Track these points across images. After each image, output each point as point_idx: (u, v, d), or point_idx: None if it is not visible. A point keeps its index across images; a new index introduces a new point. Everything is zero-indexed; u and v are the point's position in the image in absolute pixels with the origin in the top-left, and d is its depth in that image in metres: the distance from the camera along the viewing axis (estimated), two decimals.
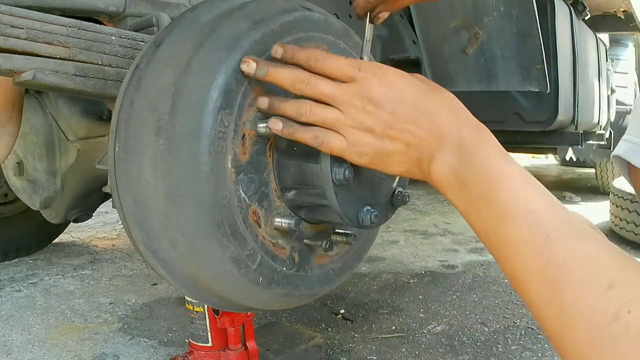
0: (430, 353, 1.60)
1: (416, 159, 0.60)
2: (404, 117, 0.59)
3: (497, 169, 0.55)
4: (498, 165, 0.55)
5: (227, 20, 0.69)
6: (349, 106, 0.60)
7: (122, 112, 0.72)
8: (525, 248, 0.50)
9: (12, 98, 0.95)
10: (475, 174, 0.55)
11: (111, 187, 0.75)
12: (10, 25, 0.71)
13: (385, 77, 0.60)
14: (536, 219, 0.51)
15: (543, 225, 0.50)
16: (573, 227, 0.50)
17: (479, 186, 0.55)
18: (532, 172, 2.00)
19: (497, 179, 0.54)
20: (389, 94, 0.59)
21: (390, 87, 0.59)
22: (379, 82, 0.59)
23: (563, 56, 1.98)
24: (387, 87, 0.59)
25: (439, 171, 0.58)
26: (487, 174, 0.55)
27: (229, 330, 1.22)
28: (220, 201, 0.64)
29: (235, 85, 0.64)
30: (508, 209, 0.52)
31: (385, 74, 0.60)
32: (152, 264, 0.74)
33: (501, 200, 0.53)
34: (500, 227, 0.53)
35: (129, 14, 0.99)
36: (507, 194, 0.53)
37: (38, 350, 1.63)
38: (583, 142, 2.26)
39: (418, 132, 0.59)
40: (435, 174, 0.59)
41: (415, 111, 0.59)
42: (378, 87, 0.59)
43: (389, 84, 0.60)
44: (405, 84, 0.60)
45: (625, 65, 4.65)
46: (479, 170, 0.55)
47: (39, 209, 1.68)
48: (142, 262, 2.49)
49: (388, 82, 0.60)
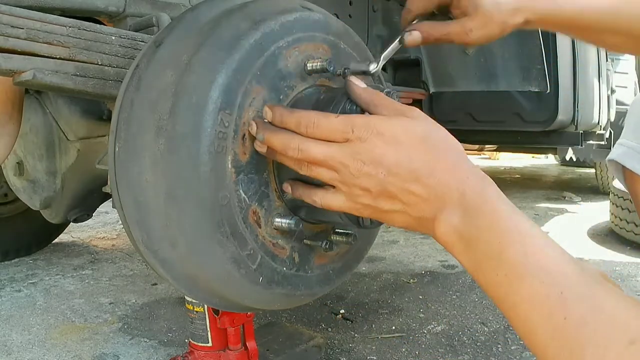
0: (430, 353, 1.60)
1: (417, 217, 0.58)
2: (401, 177, 0.57)
3: (503, 226, 0.53)
4: (503, 221, 0.53)
5: (227, 20, 0.69)
6: (343, 168, 0.58)
7: (122, 112, 0.72)
8: (540, 307, 0.49)
9: (12, 98, 0.95)
10: (480, 232, 0.53)
11: (111, 187, 0.75)
12: (10, 25, 0.71)
13: (381, 135, 0.57)
14: (549, 276, 0.49)
15: (556, 282, 0.48)
16: (587, 282, 0.48)
17: (485, 245, 0.53)
18: (532, 172, 1.99)
19: (503, 235, 0.52)
20: (384, 154, 0.57)
21: (385, 146, 0.57)
22: (374, 141, 0.57)
23: (563, 56, 1.98)
24: (383, 147, 0.57)
25: (443, 232, 0.56)
26: (493, 231, 0.53)
27: (229, 330, 1.22)
28: (221, 201, 0.64)
29: (236, 85, 0.64)
30: (518, 267, 0.50)
31: (381, 132, 0.57)
32: (152, 264, 0.74)
33: (510, 258, 0.51)
34: (512, 286, 0.51)
35: (129, 14, 0.99)
36: (517, 251, 0.51)
37: (38, 350, 1.63)
38: (583, 142, 2.26)
39: (417, 192, 0.57)
40: (439, 233, 0.57)
41: (413, 170, 0.57)
42: (373, 147, 0.57)
43: (384, 142, 0.57)
44: (402, 140, 0.57)
45: (625, 65, 4.65)
46: (483, 228, 0.53)
47: (39, 209, 1.68)
48: (142, 262, 2.49)
49: (384, 140, 0.57)
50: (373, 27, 1.94)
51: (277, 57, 0.68)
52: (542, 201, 4.29)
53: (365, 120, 0.59)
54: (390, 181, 0.57)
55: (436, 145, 0.58)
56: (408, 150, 0.57)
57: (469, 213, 0.54)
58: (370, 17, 1.91)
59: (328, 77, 0.75)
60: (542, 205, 4.11)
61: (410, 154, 0.57)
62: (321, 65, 0.70)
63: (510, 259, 0.51)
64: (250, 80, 0.65)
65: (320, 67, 0.70)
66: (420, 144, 0.57)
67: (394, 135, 0.57)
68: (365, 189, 0.58)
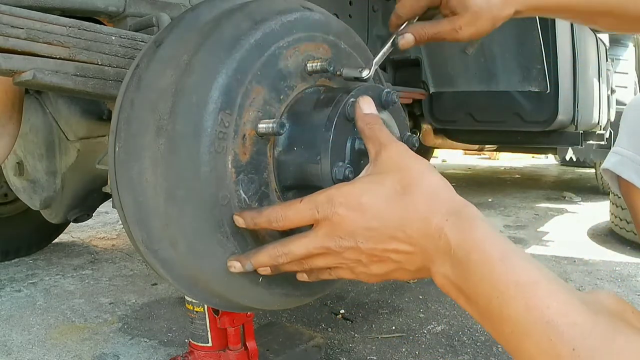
0: (430, 353, 1.60)
1: (416, 270, 0.57)
2: (378, 239, 0.55)
3: (497, 278, 0.48)
4: (496, 273, 0.48)
5: (227, 20, 0.69)
6: (327, 250, 0.58)
7: (122, 112, 0.72)
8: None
9: (12, 98, 0.95)
10: (475, 287, 0.49)
11: (111, 187, 0.75)
12: (10, 25, 0.71)
13: (344, 205, 0.56)
14: (557, 331, 0.44)
15: (566, 337, 0.44)
16: (601, 332, 0.43)
17: (484, 300, 0.49)
18: (532, 172, 1.98)
19: (500, 289, 0.47)
20: (353, 223, 0.55)
21: (353, 214, 0.55)
22: (340, 214, 0.56)
23: (563, 56, 1.98)
24: (350, 216, 0.55)
25: (441, 284, 0.54)
26: (488, 285, 0.48)
27: (229, 330, 1.22)
28: (221, 201, 0.64)
29: (236, 85, 0.64)
30: (523, 324, 0.46)
31: (344, 202, 0.56)
32: (152, 264, 0.74)
33: (512, 315, 0.47)
34: (521, 344, 0.46)
35: (129, 14, 0.99)
36: (517, 306, 0.46)
37: (38, 350, 1.63)
38: (583, 142, 2.26)
39: (401, 249, 0.55)
40: (439, 285, 0.55)
41: (387, 229, 0.54)
42: (341, 220, 0.56)
43: (350, 210, 0.55)
44: (367, 203, 0.55)
45: (625, 65, 4.65)
46: (478, 282, 0.49)
47: (39, 209, 1.68)
48: (142, 262, 2.49)
49: (349, 208, 0.55)
50: (373, 27, 1.94)
51: (277, 57, 0.68)
52: (542, 201, 4.29)
53: (327, 195, 0.57)
54: (370, 247, 0.55)
55: (404, 195, 0.55)
56: (376, 211, 0.55)
57: (459, 265, 0.50)
58: (370, 17, 1.91)
59: (328, 77, 0.75)
60: (542, 205, 4.11)
61: (380, 214, 0.55)
62: (321, 65, 0.70)
63: (512, 316, 0.47)
64: (250, 80, 0.65)
65: (320, 68, 0.70)
66: (387, 200, 0.55)
67: (358, 202, 0.55)
68: (356, 260, 0.58)
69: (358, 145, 0.67)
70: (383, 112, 0.73)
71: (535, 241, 2.95)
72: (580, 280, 2.28)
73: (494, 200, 4.17)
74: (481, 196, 4.38)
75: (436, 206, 0.54)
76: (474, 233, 0.50)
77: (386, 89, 0.73)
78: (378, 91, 0.72)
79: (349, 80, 0.73)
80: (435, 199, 0.54)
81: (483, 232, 0.50)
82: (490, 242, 0.50)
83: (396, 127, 0.76)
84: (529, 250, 2.77)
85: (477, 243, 0.50)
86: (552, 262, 2.54)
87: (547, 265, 2.49)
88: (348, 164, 0.65)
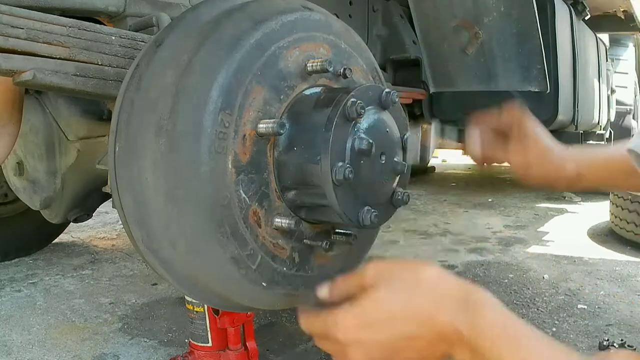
0: None
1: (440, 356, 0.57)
2: (390, 351, 0.56)
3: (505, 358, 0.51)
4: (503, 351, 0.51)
5: (227, 20, 0.69)
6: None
7: (122, 112, 0.72)
8: None
9: (12, 98, 0.95)
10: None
11: (111, 187, 0.75)
12: (10, 25, 0.71)
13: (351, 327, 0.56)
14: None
15: None
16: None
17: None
18: None
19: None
20: (362, 344, 0.56)
21: (360, 335, 0.56)
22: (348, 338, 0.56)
23: (563, 56, 1.98)
24: (357, 338, 0.56)
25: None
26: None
27: (229, 330, 1.22)
28: (221, 201, 0.64)
29: (236, 85, 0.64)
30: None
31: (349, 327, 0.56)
32: (152, 264, 0.74)
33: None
34: None
35: (129, 14, 0.99)
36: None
37: (38, 350, 1.63)
38: (583, 142, 2.26)
39: (418, 347, 0.55)
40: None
41: (399, 341, 0.55)
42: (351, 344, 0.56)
43: (354, 331, 0.56)
44: (372, 317, 0.56)
45: (625, 65, 4.66)
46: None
47: (39, 209, 1.68)
48: (142, 262, 2.49)
49: (353, 328, 0.56)
50: (373, 27, 1.94)
51: (277, 57, 0.68)
52: (542, 201, 4.29)
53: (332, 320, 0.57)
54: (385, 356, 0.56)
55: (409, 295, 0.56)
56: (384, 320, 0.56)
57: (475, 354, 0.53)
58: (370, 17, 1.91)
59: (328, 77, 0.75)
60: (542, 205, 4.11)
61: (388, 321, 0.55)
62: (321, 65, 0.70)
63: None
64: (250, 80, 0.65)
65: (320, 67, 0.70)
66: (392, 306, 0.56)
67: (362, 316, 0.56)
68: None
69: (358, 146, 0.67)
70: (383, 112, 0.73)
71: (535, 241, 2.95)
72: (580, 280, 2.28)
73: (494, 200, 4.17)
74: (481, 196, 4.38)
75: (441, 304, 0.55)
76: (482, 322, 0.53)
77: (386, 89, 0.73)
78: (378, 91, 0.72)
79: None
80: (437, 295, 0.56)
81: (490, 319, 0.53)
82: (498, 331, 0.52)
83: (396, 127, 0.76)
84: (529, 250, 2.77)
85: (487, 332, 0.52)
86: (552, 262, 2.54)
87: (547, 265, 2.48)
88: (348, 164, 0.65)
